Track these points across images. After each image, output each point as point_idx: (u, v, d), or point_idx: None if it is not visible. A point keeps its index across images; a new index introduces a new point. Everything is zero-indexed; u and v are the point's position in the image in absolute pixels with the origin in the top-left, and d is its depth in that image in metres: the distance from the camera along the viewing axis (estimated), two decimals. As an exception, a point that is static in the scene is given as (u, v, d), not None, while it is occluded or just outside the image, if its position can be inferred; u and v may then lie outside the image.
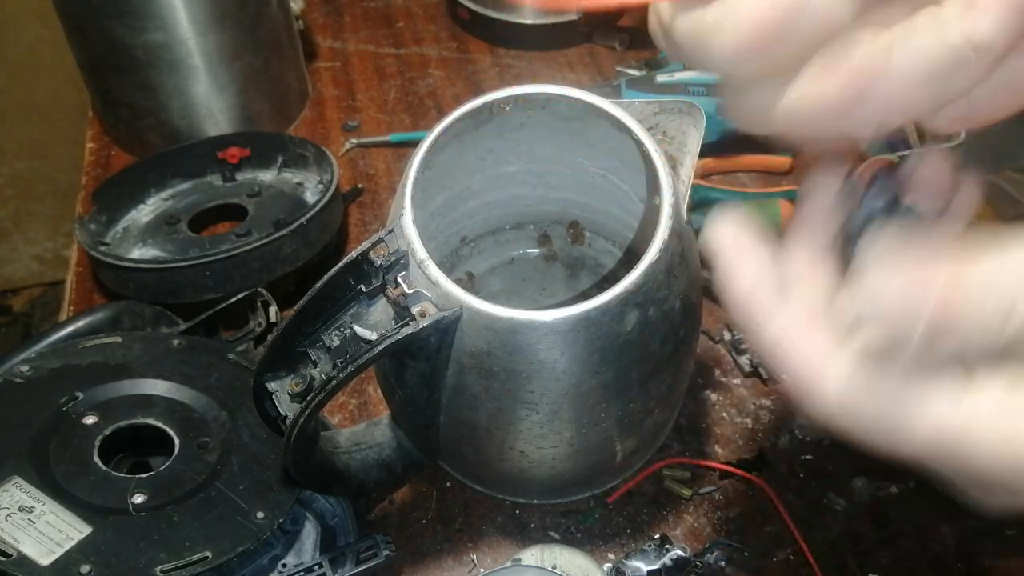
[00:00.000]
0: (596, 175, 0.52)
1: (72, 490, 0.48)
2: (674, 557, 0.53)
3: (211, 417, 0.54)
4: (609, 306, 0.39)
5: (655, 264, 0.39)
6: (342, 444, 0.52)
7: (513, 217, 0.58)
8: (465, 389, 0.44)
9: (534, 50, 0.98)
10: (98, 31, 0.75)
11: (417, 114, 0.90)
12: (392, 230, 0.40)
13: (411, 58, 0.97)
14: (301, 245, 0.66)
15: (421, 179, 0.42)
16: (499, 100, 0.44)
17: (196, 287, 0.64)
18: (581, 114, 0.45)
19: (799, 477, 0.58)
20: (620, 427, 0.47)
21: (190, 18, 0.74)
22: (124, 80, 0.78)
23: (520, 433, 0.45)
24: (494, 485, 0.57)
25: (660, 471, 0.58)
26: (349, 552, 0.49)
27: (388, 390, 0.50)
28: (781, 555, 0.55)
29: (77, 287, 0.73)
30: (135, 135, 0.83)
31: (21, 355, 0.57)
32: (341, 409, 0.63)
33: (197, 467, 0.51)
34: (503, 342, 0.40)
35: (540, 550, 0.53)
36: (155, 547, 0.45)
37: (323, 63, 0.96)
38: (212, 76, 0.78)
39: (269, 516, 0.48)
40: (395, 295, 0.40)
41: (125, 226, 0.74)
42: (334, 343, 0.41)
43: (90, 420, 0.52)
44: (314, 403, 0.40)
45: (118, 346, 0.57)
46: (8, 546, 0.44)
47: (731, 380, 0.64)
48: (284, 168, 0.78)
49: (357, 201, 0.80)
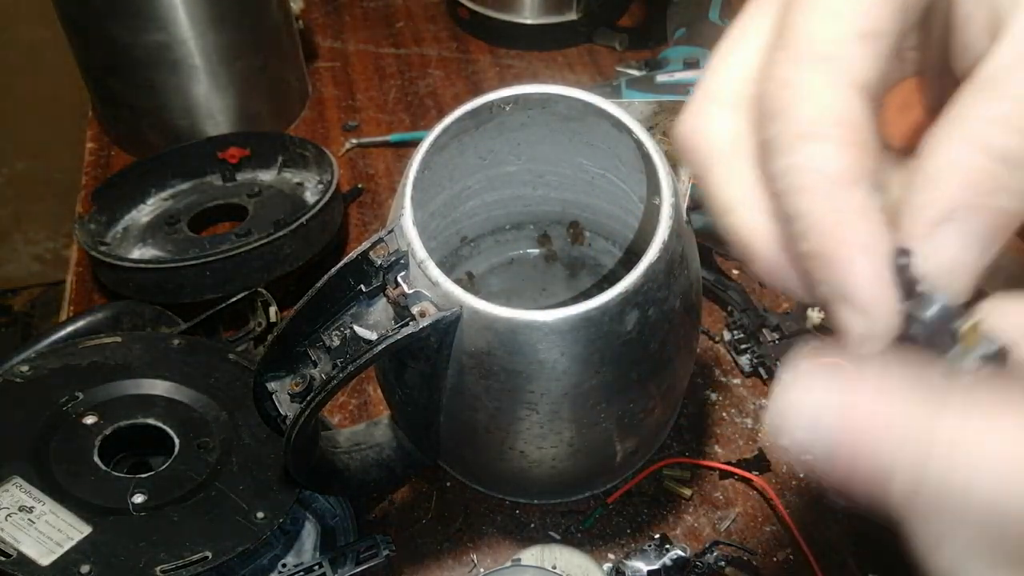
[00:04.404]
0: (596, 175, 0.51)
1: (72, 490, 0.48)
2: (674, 557, 0.53)
3: (211, 417, 0.54)
4: (609, 306, 0.39)
5: (655, 264, 0.39)
6: (342, 444, 0.52)
7: (513, 217, 0.58)
8: (465, 389, 0.44)
9: (534, 50, 0.98)
10: (98, 31, 0.75)
11: (417, 114, 0.90)
12: (392, 230, 0.40)
13: (411, 58, 0.97)
14: (301, 245, 0.66)
15: (421, 179, 0.42)
16: (499, 100, 0.44)
17: (196, 287, 0.64)
18: (581, 114, 0.45)
19: (799, 477, 0.58)
20: (620, 427, 0.47)
21: (190, 18, 0.74)
22: (124, 80, 0.78)
23: (520, 433, 0.45)
24: (494, 485, 0.57)
25: (660, 471, 0.58)
26: (349, 552, 0.49)
27: (388, 390, 0.50)
28: (781, 555, 0.55)
29: (77, 287, 0.73)
30: (135, 135, 0.83)
31: (21, 355, 0.57)
32: (341, 409, 0.63)
33: (197, 467, 0.51)
34: (503, 342, 0.40)
35: (540, 550, 0.53)
36: (155, 547, 0.45)
37: (323, 63, 0.96)
38: (212, 76, 0.78)
39: (269, 516, 0.48)
40: (395, 295, 0.40)
41: (125, 226, 0.74)
42: (334, 343, 0.41)
43: (90, 420, 0.52)
44: (314, 403, 0.40)
45: (118, 346, 0.57)
46: (8, 546, 0.44)
47: (731, 380, 0.64)
48: (284, 168, 0.78)
49: (357, 201, 0.80)
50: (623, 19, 0.99)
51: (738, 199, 0.23)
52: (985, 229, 0.20)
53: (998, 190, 0.20)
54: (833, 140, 0.21)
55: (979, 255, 0.20)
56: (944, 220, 0.20)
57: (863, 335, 0.21)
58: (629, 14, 0.99)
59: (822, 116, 0.21)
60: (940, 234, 0.20)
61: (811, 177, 0.21)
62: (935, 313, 0.21)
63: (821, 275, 0.21)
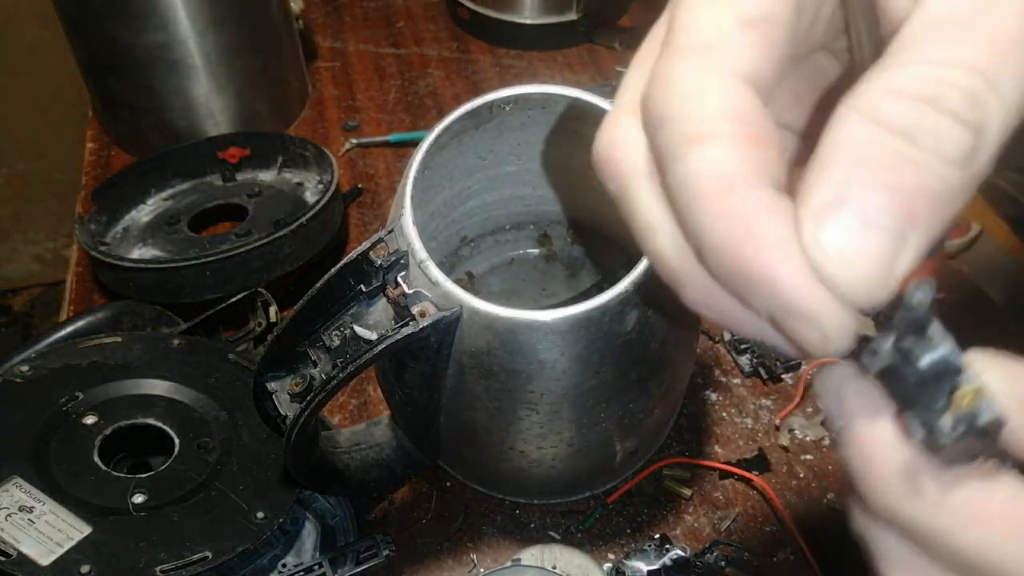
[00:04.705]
0: (596, 175, 0.51)
1: (72, 490, 0.48)
2: (674, 557, 0.53)
3: (211, 417, 0.54)
4: (609, 306, 0.39)
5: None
6: (342, 444, 0.52)
7: (513, 217, 0.58)
8: (465, 389, 0.44)
9: (534, 50, 0.98)
10: (98, 31, 0.75)
11: (417, 114, 0.90)
12: (392, 230, 0.40)
13: (411, 58, 0.97)
14: (301, 245, 0.66)
15: (421, 179, 0.42)
16: (499, 100, 0.44)
17: (196, 287, 0.64)
18: (581, 114, 0.45)
19: (799, 477, 0.58)
20: (620, 427, 0.47)
21: (190, 18, 0.74)
22: (124, 80, 0.78)
23: (520, 433, 0.45)
24: (494, 485, 0.57)
25: (660, 471, 0.58)
26: (349, 552, 0.49)
27: (388, 390, 0.50)
28: (781, 555, 0.55)
29: (77, 287, 0.73)
30: (135, 135, 0.83)
31: (21, 355, 0.57)
32: (341, 409, 0.63)
33: (197, 467, 0.51)
34: (503, 342, 0.40)
35: (540, 550, 0.53)
36: (155, 547, 0.45)
37: (323, 63, 0.96)
38: (212, 76, 0.78)
39: (269, 516, 0.48)
40: (395, 295, 0.40)
41: (125, 226, 0.74)
42: (334, 343, 0.41)
43: (90, 420, 0.52)
44: (314, 403, 0.40)
45: (118, 346, 0.57)
46: (8, 546, 0.44)
47: (731, 380, 0.64)
48: (284, 168, 0.78)
49: (357, 201, 0.80)
50: (623, 19, 0.99)
51: (659, 220, 0.21)
52: (893, 211, 0.17)
53: (900, 165, 0.17)
54: (724, 138, 0.19)
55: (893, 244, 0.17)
56: (836, 203, 0.17)
57: (820, 344, 0.18)
58: (629, 14, 0.99)
59: (708, 113, 0.19)
60: (833, 219, 0.17)
61: (706, 184, 0.18)
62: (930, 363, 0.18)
63: (749, 292, 0.19)
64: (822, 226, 0.17)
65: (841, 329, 0.18)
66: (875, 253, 0.17)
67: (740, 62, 0.19)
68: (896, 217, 0.17)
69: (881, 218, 0.17)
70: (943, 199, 0.17)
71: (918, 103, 0.17)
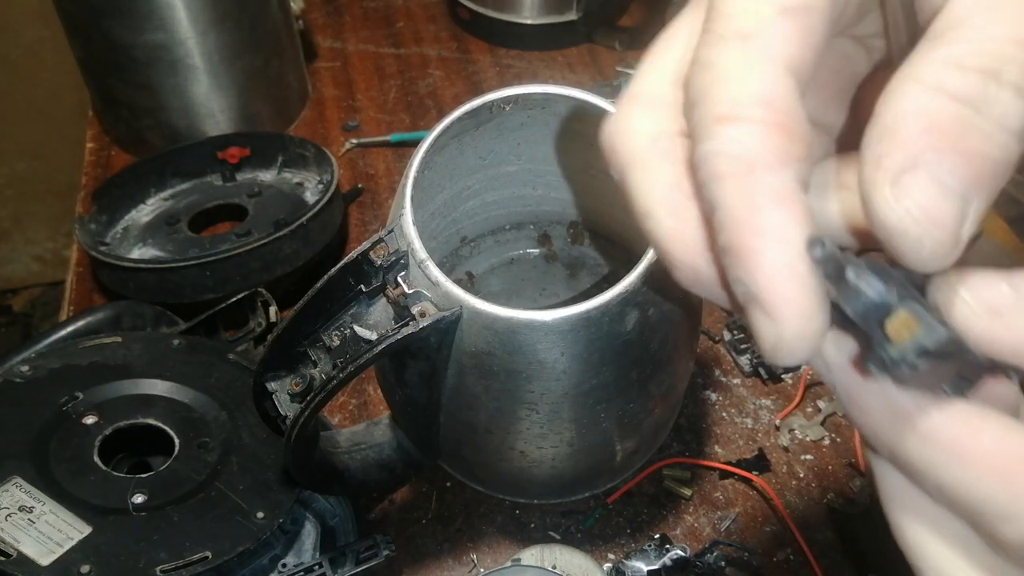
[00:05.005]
0: (596, 175, 0.51)
1: (72, 490, 0.48)
2: (674, 557, 0.53)
3: (211, 417, 0.54)
4: (609, 306, 0.39)
5: (655, 264, 0.39)
6: (342, 444, 0.52)
7: (513, 217, 0.58)
8: (465, 389, 0.44)
9: (534, 50, 0.98)
10: (98, 31, 0.75)
11: (417, 114, 0.90)
12: (392, 230, 0.40)
13: (411, 58, 0.97)
14: (301, 245, 0.66)
15: (421, 179, 0.42)
16: (499, 100, 0.44)
17: (196, 287, 0.64)
18: (581, 114, 0.45)
19: (799, 477, 0.58)
20: (620, 427, 0.47)
21: (190, 18, 0.74)
22: (124, 80, 0.78)
23: (520, 433, 0.45)
24: (494, 485, 0.57)
25: (660, 471, 0.58)
26: (349, 552, 0.49)
27: (388, 390, 0.50)
28: (781, 555, 0.55)
29: (77, 287, 0.73)
30: (135, 135, 0.83)
31: (21, 355, 0.57)
32: (341, 409, 0.63)
33: (197, 467, 0.51)
34: (503, 342, 0.40)
35: (540, 550, 0.53)
36: (155, 547, 0.45)
37: (323, 63, 0.96)
38: (212, 76, 0.78)
39: (269, 516, 0.48)
40: (395, 295, 0.40)
41: (125, 226, 0.74)
42: (334, 343, 0.41)
43: (90, 420, 0.52)
44: (314, 403, 0.40)
45: (118, 346, 0.57)
46: (8, 546, 0.44)
47: (731, 380, 0.64)
48: (284, 168, 0.78)
49: (357, 201, 0.80)
50: (623, 19, 0.99)
51: (656, 202, 0.22)
52: (963, 175, 0.17)
53: (967, 132, 0.17)
54: (754, 121, 0.19)
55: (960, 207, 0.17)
56: (911, 167, 0.17)
57: (773, 344, 0.18)
58: (629, 14, 0.99)
59: (743, 97, 0.19)
60: (907, 182, 0.17)
61: (729, 163, 0.19)
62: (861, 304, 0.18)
63: (733, 272, 0.19)
64: (904, 188, 0.17)
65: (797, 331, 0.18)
66: (952, 215, 0.17)
67: (779, 51, 0.20)
68: (966, 182, 0.17)
69: (955, 183, 0.17)
70: (1001, 168, 0.18)
71: (983, 75, 0.18)
